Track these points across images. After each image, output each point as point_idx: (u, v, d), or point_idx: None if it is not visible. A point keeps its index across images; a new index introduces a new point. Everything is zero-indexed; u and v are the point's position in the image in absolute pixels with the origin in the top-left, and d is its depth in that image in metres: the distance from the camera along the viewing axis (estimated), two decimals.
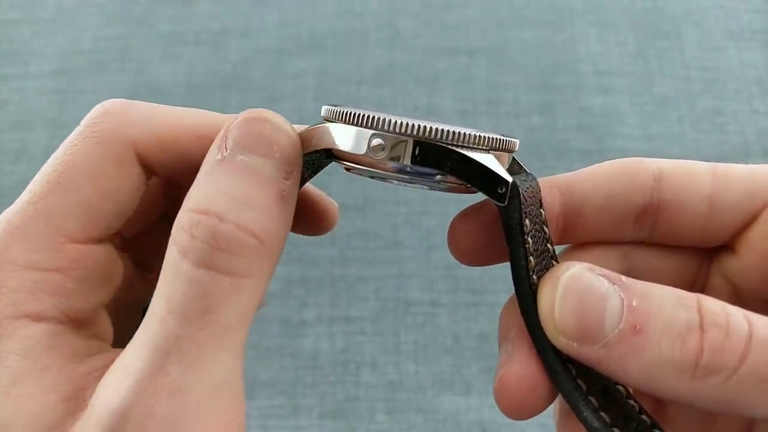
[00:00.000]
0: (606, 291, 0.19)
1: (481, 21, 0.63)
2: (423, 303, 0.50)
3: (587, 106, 0.58)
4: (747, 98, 0.59)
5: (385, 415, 0.46)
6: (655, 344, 0.18)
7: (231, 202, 0.19)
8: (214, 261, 0.18)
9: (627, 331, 0.19)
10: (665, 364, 0.18)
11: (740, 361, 0.18)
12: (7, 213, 0.21)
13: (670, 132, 0.57)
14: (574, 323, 0.19)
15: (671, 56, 0.61)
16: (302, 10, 0.63)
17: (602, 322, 0.19)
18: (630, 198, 0.23)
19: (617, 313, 0.19)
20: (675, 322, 0.18)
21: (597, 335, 0.19)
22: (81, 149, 0.21)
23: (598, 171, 0.23)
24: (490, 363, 0.47)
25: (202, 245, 0.18)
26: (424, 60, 0.60)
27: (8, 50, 0.62)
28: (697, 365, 0.18)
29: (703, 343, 0.18)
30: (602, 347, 0.19)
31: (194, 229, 0.18)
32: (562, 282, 0.20)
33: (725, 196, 0.22)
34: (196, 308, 0.18)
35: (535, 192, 0.21)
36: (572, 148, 0.55)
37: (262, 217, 0.19)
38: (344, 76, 0.59)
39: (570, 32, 0.62)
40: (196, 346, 0.18)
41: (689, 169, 0.23)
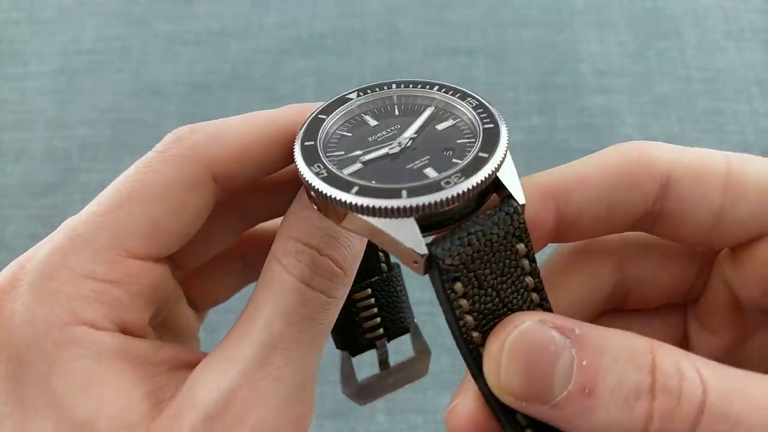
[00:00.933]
0: (556, 349, 0.18)
1: (481, 21, 0.63)
2: (423, 303, 0.50)
3: (587, 106, 0.58)
4: (747, 98, 0.59)
5: (385, 415, 0.46)
6: (604, 408, 0.18)
7: (325, 237, 0.22)
8: (314, 282, 0.22)
9: (576, 393, 0.18)
10: (615, 428, 0.18)
11: (692, 426, 0.17)
12: (72, 220, 0.22)
13: (670, 132, 0.57)
14: (520, 384, 0.18)
15: (671, 56, 0.61)
16: (302, 10, 0.63)
17: (551, 383, 0.18)
18: (631, 209, 0.21)
19: (567, 372, 0.18)
20: (625, 384, 0.18)
21: (546, 396, 0.18)
22: (156, 170, 0.22)
23: (599, 174, 0.21)
24: None
25: (305, 268, 0.22)
26: (424, 60, 0.60)
27: (8, 50, 0.62)
28: (646, 431, 0.17)
29: (653, 410, 0.17)
30: (551, 408, 0.18)
31: (299, 256, 0.22)
32: (509, 341, 0.19)
33: (734, 213, 0.21)
34: (299, 314, 0.22)
35: (502, 232, 0.20)
36: (572, 148, 0.55)
37: (346, 252, 0.23)
38: (344, 76, 0.59)
39: (570, 32, 0.62)
40: (296, 344, 0.21)
41: (701, 176, 0.21)
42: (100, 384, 0.20)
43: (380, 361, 0.30)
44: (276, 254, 0.22)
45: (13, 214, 0.55)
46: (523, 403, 0.19)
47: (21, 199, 0.55)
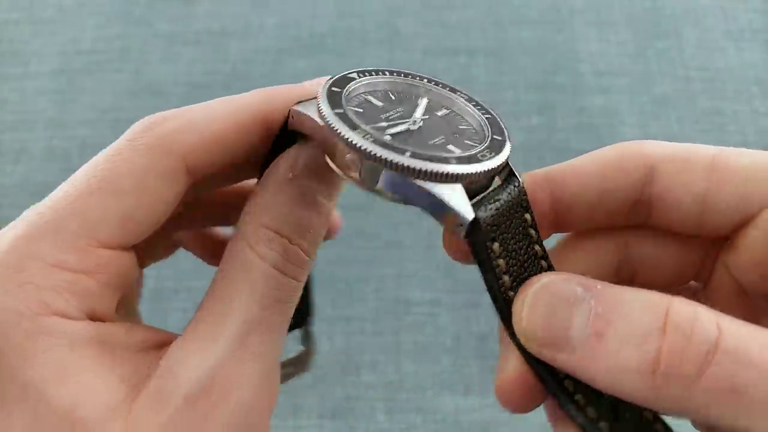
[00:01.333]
0: (575, 299, 0.19)
1: (481, 21, 0.63)
2: (423, 303, 0.50)
3: (587, 106, 0.58)
4: (747, 98, 0.59)
5: (385, 415, 0.46)
6: (615, 350, 0.18)
7: (297, 227, 0.23)
8: (286, 269, 0.23)
9: (591, 338, 0.19)
10: (625, 369, 0.18)
11: (701, 370, 0.17)
12: (38, 207, 0.22)
13: (669, 132, 0.57)
14: (541, 330, 0.20)
15: (671, 56, 0.61)
16: (302, 10, 0.63)
17: (568, 330, 0.19)
18: (621, 194, 0.23)
19: (584, 321, 0.19)
20: (637, 326, 0.18)
21: (563, 342, 0.19)
22: (127, 159, 0.22)
23: (591, 164, 0.23)
24: (490, 363, 0.47)
25: (278, 256, 0.23)
26: (424, 60, 0.60)
27: (8, 50, 0.62)
28: (654, 371, 0.18)
29: (662, 347, 0.18)
30: (569, 354, 0.19)
31: (271, 244, 0.23)
32: (531, 292, 0.20)
33: (718, 197, 0.22)
34: (273, 298, 0.23)
35: (514, 202, 0.21)
36: (572, 148, 0.55)
37: (313, 240, 0.24)
38: None
39: (570, 32, 0.62)
40: (270, 326, 0.23)
41: (685, 163, 0.22)
42: (77, 372, 0.20)
43: None
44: (248, 240, 0.23)
45: (13, 214, 0.55)
46: (543, 349, 0.20)
47: (21, 199, 0.55)
